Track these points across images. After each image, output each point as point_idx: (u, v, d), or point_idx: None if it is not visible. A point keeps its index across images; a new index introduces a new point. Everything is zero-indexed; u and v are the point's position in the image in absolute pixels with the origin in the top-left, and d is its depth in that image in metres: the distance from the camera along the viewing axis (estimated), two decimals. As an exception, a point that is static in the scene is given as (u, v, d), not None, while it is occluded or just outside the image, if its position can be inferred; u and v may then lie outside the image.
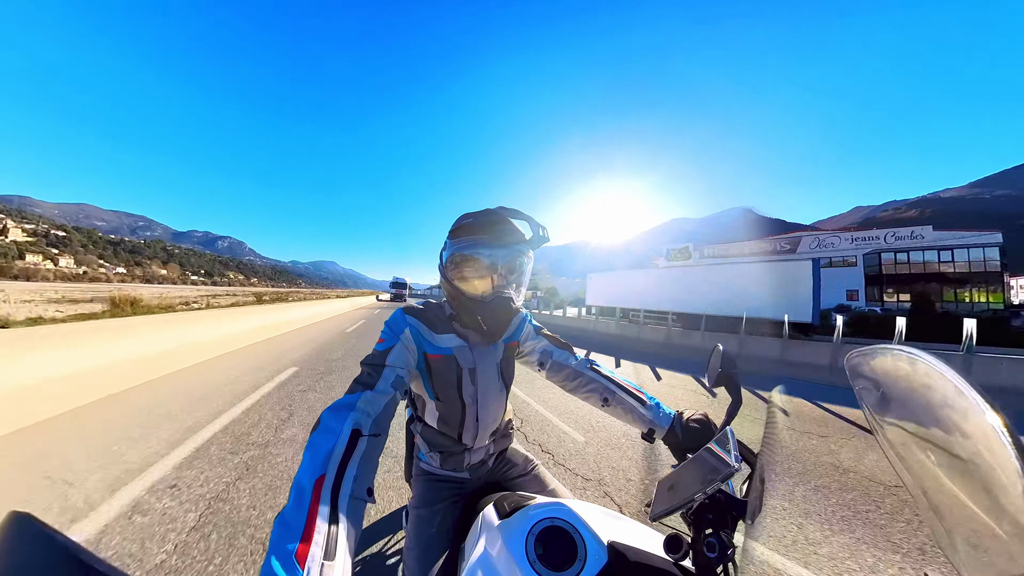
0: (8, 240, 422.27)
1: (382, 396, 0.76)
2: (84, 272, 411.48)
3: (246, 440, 3.29)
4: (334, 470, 0.57)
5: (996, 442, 0.38)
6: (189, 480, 2.59)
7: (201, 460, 2.89)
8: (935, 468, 0.46)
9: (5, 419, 3.49)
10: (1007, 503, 0.36)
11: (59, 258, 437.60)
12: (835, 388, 6.37)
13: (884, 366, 0.52)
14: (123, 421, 3.69)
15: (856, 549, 2.05)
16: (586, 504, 0.76)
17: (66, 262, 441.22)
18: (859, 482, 2.92)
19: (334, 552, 0.48)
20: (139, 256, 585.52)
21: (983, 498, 0.40)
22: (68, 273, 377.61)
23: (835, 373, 7.23)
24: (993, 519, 0.38)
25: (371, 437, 0.67)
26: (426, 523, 0.99)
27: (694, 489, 0.59)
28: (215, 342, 7.82)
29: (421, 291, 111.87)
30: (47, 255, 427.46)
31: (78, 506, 2.26)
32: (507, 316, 0.93)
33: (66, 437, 3.33)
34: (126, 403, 4.25)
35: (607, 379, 1.07)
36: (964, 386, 0.43)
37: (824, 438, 3.96)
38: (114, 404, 4.20)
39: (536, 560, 0.63)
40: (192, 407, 4.12)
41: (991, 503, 0.38)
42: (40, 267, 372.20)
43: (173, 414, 3.89)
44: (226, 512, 2.22)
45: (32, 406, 3.74)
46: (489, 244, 0.88)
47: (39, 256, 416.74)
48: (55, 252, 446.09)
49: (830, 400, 5.52)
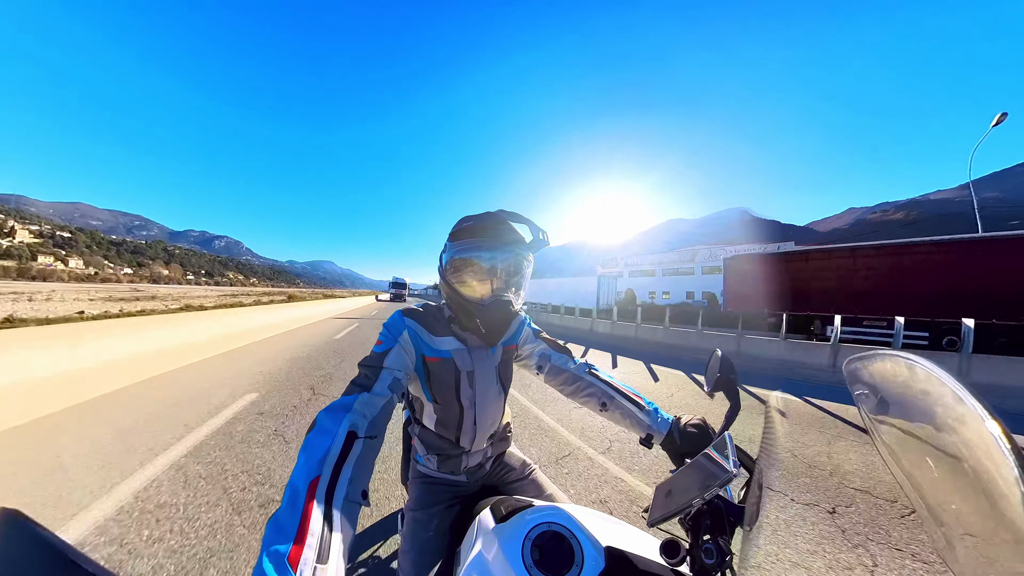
0: (17, 242, 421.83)
1: (379, 398, 0.75)
2: (95, 273, 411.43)
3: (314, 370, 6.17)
4: (329, 472, 0.56)
5: (994, 448, 0.37)
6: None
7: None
8: (933, 473, 0.46)
9: (165, 363, 5.84)
10: (1005, 509, 0.35)
11: (68, 259, 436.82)
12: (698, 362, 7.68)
13: (882, 371, 0.52)
14: (224, 369, 5.95)
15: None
16: (583, 509, 0.75)
17: (75, 263, 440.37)
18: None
19: (327, 555, 0.47)
20: (141, 256, 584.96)
21: (981, 504, 0.39)
22: (80, 274, 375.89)
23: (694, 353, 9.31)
24: (991, 525, 0.38)
25: (367, 439, 0.66)
26: (422, 526, 0.98)
27: (692, 495, 0.58)
28: (300, 316, 14.31)
29: (419, 291, 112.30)
30: (57, 256, 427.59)
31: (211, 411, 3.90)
32: (506, 319, 0.92)
33: (218, 366, 6.19)
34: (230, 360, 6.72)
35: (605, 384, 1.05)
36: (962, 392, 0.42)
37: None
38: (209, 365, 6.30)
39: (533, 565, 0.62)
40: (281, 354, 7.40)
41: (989, 509, 0.38)
42: (55, 268, 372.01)
43: (269, 357, 7.02)
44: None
45: (169, 360, 6.01)
46: (489, 247, 0.87)
47: (50, 257, 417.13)
48: (63, 253, 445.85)
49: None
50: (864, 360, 0.53)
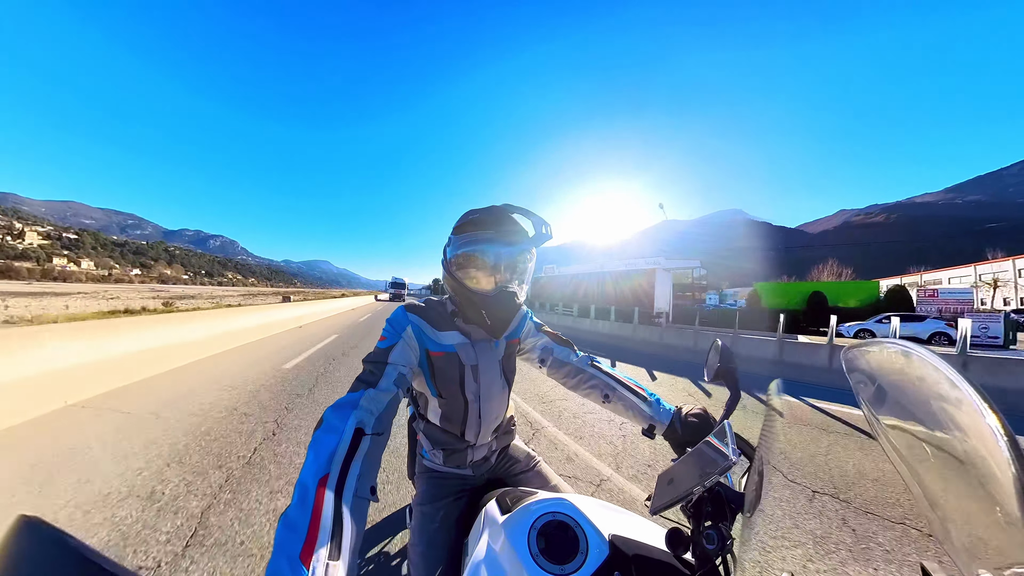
0: (28, 243, 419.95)
1: (385, 394, 0.75)
2: (109, 274, 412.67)
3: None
4: (337, 469, 0.56)
5: (988, 433, 0.37)
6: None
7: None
8: (930, 459, 0.46)
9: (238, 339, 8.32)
10: (999, 493, 0.36)
11: (79, 260, 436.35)
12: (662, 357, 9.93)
13: (879, 360, 0.52)
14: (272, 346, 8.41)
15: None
16: (587, 498, 0.76)
17: (86, 264, 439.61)
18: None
19: (339, 551, 0.47)
20: (143, 257, 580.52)
21: (976, 488, 0.40)
22: (96, 275, 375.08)
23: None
24: (986, 509, 0.38)
25: (374, 436, 0.66)
26: (430, 519, 0.98)
27: (693, 482, 0.59)
28: (331, 308, 19.04)
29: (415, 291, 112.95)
30: (70, 258, 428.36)
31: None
32: (511, 311, 0.92)
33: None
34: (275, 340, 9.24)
35: (608, 376, 1.05)
36: (957, 379, 0.42)
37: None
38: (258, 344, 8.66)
39: (539, 554, 0.62)
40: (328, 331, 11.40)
41: (984, 493, 0.38)
42: (72, 269, 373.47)
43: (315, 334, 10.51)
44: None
45: (237, 339, 8.35)
46: (494, 241, 0.86)
47: (64, 259, 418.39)
48: (75, 255, 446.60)
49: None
50: (862, 349, 0.54)
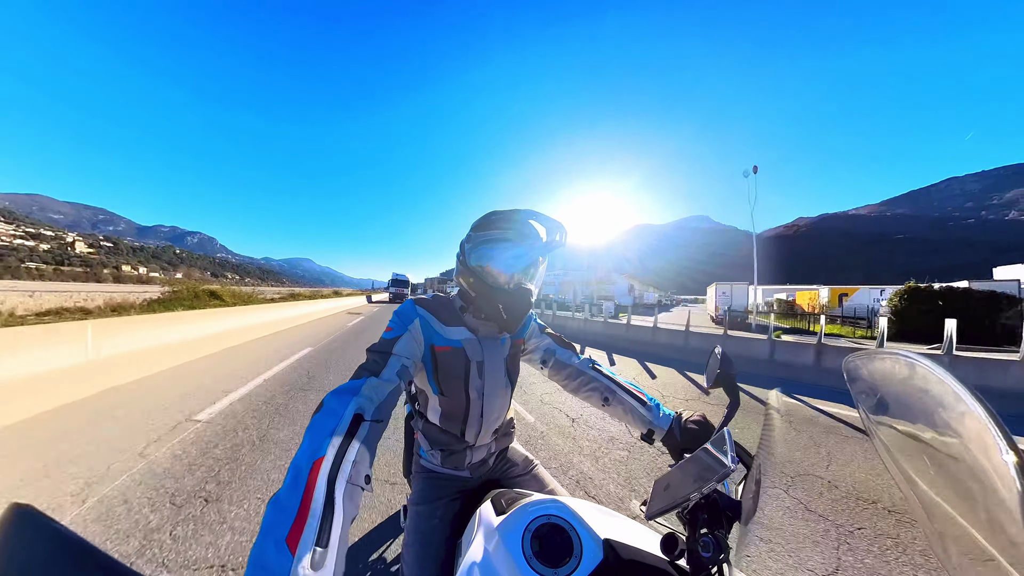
0: (79, 252, 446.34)
1: (387, 384, 0.71)
2: (153, 276, 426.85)
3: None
4: (333, 452, 0.52)
5: (992, 448, 0.34)
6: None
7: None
8: (930, 472, 0.44)
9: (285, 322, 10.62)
10: (1001, 510, 0.33)
11: (126, 266, 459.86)
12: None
13: (882, 370, 0.49)
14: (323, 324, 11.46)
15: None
16: (583, 502, 0.72)
17: (127, 269, 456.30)
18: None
19: (327, 538, 0.44)
20: (159, 261, 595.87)
21: (977, 504, 0.37)
22: (144, 277, 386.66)
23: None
24: (986, 525, 0.35)
25: (373, 423, 0.62)
26: (425, 520, 0.92)
27: (689, 489, 0.55)
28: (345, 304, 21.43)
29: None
30: (132, 264, 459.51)
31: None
32: (526, 307, 0.87)
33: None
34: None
35: (608, 379, 1.00)
36: (962, 391, 0.39)
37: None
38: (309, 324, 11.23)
39: (532, 556, 0.59)
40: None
41: (985, 509, 0.35)
42: (131, 273, 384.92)
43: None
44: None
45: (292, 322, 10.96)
46: (512, 242, 0.83)
47: (127, 266, 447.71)
48: (123, 261, 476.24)
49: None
50: (864, 359, 0.49)
